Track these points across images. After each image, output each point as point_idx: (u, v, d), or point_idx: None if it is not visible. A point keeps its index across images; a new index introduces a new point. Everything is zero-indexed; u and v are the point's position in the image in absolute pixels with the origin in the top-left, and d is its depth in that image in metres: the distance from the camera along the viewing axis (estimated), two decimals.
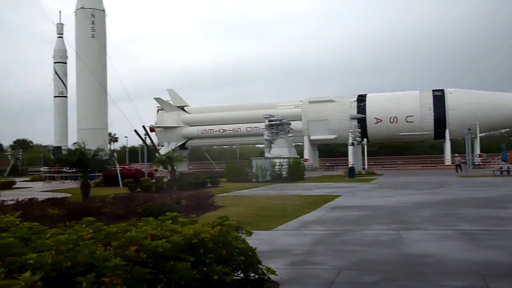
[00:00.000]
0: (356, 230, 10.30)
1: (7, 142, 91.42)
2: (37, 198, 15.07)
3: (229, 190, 24.51)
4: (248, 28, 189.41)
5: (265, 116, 49.67)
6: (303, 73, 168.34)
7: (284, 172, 36.54)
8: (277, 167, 36.83)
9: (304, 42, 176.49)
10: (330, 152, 75.42)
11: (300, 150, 60.83)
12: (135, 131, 38.28)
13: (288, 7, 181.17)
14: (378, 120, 63.49)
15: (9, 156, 79.52)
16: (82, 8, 44.03)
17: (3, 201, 14.01)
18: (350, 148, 49.48)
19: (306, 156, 62.57)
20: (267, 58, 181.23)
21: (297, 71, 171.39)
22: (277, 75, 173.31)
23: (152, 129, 66.93)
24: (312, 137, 66.40)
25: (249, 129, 68.39)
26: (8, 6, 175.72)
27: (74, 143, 20.43)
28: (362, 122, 62.97)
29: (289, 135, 46.86)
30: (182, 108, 74.89)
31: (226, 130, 70.59)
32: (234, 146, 70.79)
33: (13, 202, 13.72)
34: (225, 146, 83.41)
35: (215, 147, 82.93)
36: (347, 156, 51.36)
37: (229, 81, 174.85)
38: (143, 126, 40.63)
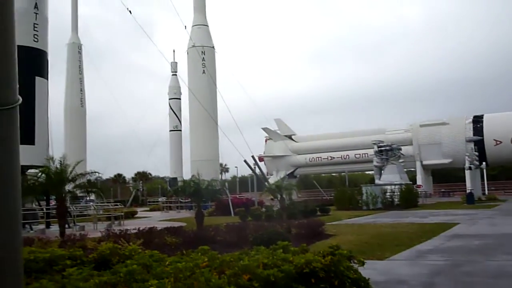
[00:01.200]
0: (479, 260, 9.60)
1: (129, 175, 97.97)
2: (156, 227, 15.93)
3: (339, 218, 24.11)
4: (352, 54, 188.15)
5: (374, 142, 48.57)
6: (411, 95, 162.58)
7: (396, 199, 35.36)
8: (388, 194, 35.74)
9: (410, 63, 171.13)
10: (445, 177, 71.48)
11: (412, 176, 58.44)
12: (245, 161, 39.25)
13: (394, 30, 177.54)
14: (498, 142, 59.17)
15: (131, 187, 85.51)
16: (193, 46, 46.90)
17: (127, 230, 14.99)
18: (467, 173, 46.53)
19: (419, 182, 59.82)
20: (373, 82, 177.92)
21: (404, 93, 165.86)
22: (384, 99, 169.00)
23: (261, 159, 68.29)
24: (424, 162, 63.52)
25: (357, 155, 67.25)
26: (131, 50, 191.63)
27: (193, 175, 21.60)
28: (479, 144, 59.14)
29: (400, 160, 45.31)
30: (289, 137, 75.76)
31: (334, 158, 70.00)
32: (343, 174, 69.80)
33: (135, 231, 14.63)
34: (333, 174, 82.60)
35: (323, 174, 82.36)
36: (464, 181, 48.36)
37: (335, 108, 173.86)
38: (252, 156, 41.54)
